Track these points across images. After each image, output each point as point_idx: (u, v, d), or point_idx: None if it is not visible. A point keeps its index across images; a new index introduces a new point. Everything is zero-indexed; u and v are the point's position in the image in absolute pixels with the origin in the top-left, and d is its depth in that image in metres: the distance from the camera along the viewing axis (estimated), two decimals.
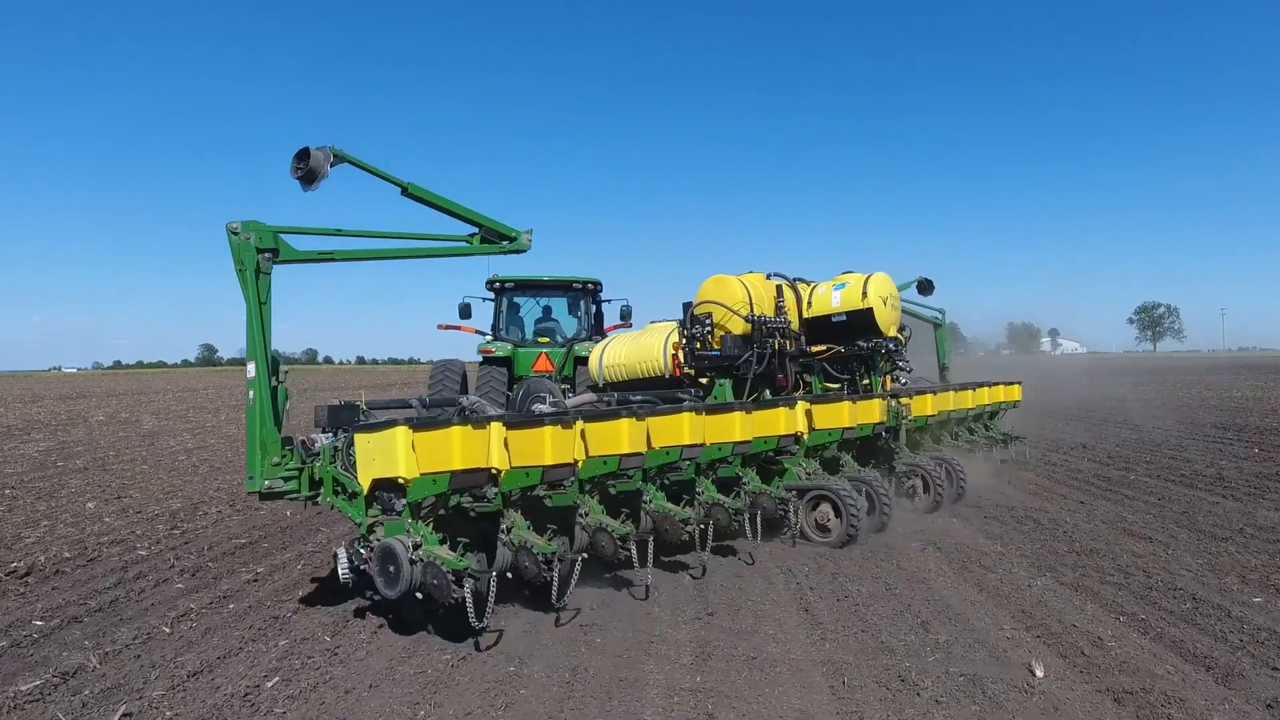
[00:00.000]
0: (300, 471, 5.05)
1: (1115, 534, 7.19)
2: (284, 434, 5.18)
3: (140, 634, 4.82)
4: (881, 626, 4.83)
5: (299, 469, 5.04)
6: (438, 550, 4.35)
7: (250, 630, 4.86)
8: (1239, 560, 6.24)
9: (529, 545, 4.72)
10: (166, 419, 22.51)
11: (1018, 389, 12.07)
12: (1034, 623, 4.88)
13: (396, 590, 4.37)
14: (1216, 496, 8.87)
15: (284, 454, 5.03)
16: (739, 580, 5.85)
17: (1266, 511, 8.02)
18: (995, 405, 11.49)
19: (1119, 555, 6.43)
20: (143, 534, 7.59)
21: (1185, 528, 7.40)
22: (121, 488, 10.40)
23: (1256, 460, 11.57)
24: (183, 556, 6.69)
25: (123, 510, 8.85)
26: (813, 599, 5.37)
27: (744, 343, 8.02)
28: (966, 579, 5.84)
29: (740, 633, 4.76)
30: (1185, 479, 10.05)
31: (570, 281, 12.88)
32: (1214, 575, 5.87)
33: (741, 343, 8.02)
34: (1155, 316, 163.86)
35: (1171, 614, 5.02)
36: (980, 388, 10.99)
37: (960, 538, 7.11)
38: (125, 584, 5.90)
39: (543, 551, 4.66)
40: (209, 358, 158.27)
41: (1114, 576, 5.86)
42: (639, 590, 5.59)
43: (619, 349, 10.04)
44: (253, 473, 4.95)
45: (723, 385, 8.12)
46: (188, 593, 5.68)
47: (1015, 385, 12.07)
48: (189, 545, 7.12)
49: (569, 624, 4.92)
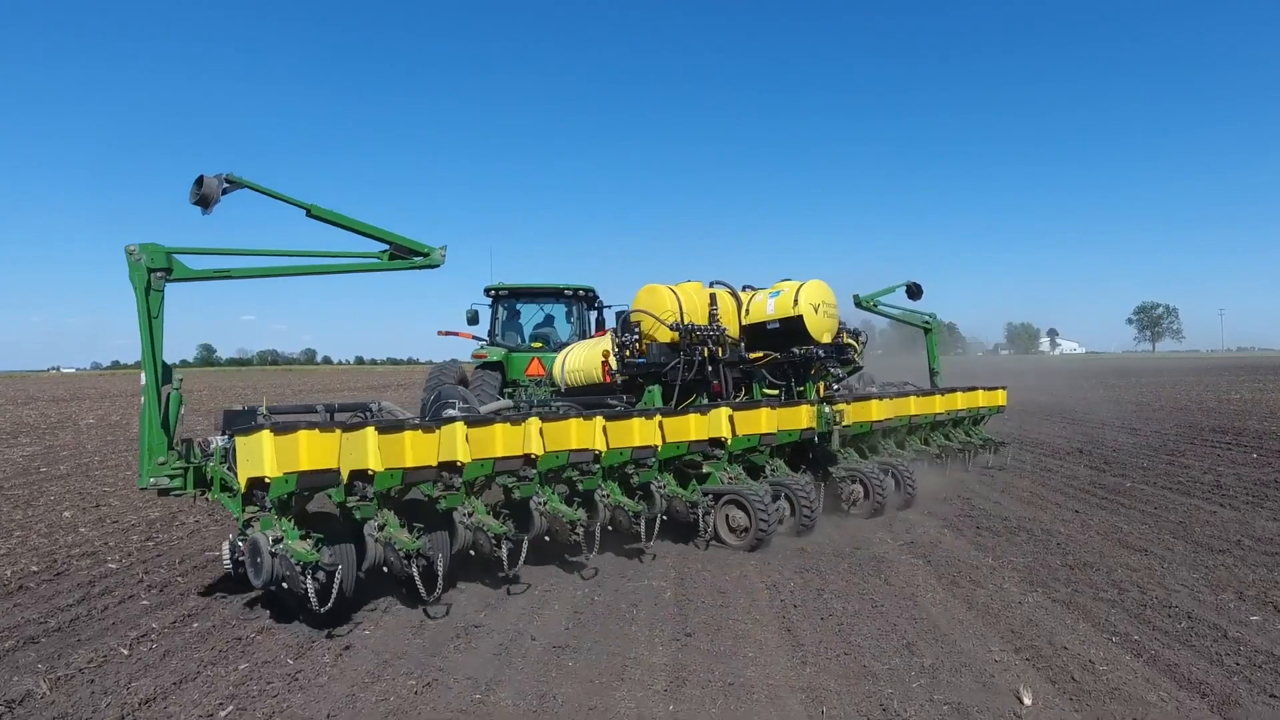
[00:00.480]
0: (185, 471, 5.45)
1: (1110, 546, 7.02)
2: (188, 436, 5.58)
3: (97, 656, 4.65)
4: (865, 648, 4.66)
5: (184, 468, 5.44)
6: (293, 544, 4.78)
7: (211, 652, 4.68)
8: (1236, 575, 6.08)
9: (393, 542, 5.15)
10: None
11: (1002, 394, 11.87)
12: (1023, 644, 4.71)
13: (260, 581, 4.91)
14: (1214, 505, 8.71)
15: (169, 455, 5.40)
16: (722, 597, 5.68)
17: (1264, 521, 7.86)
18: (973, 411, 11.30)
19: (1113, 569, 6.26)
20: (115, 546, 7.41)
21: (1182, 539, 7.24)
22: (101, 495, 10.23)
23: (1255, 466, 11.41)
24: (152, 571, 6.51)
25: (99, 520, 8.68)
26: (796, 617, 5.20)
27: (671, 350, 8.16)
28: (956, 595, 5.68)
29: (718, 655, 4.58)
30: (1182, 486, 9.89)
31: (563, 289, 13.28)
32: (1210, 591, 5.70)
33: (668, 350, 8.16)
34: (1154, 317, 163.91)
35: (1166, 634, 4.85)
36: (953, 392, 10.86)
37: (951, 550, 6.94)
38: (89, 600, 5.73)
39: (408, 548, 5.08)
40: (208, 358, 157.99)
41: (1107, 592, 5.69)
42: (621, 606, 5.43)
43: (577, 356, 10.17)
44: (142, 471, 5.39)
45: (651, 392, 8.26)
46: (152, 610, 5.50)
47: (999, 390, 11.84)
48: (161, 558, 6.94)
49: (540, 647, 4.74)
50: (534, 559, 6.68)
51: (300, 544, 4.82)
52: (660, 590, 5.84)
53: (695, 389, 8.50)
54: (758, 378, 8.96)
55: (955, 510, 8.65)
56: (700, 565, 6.52)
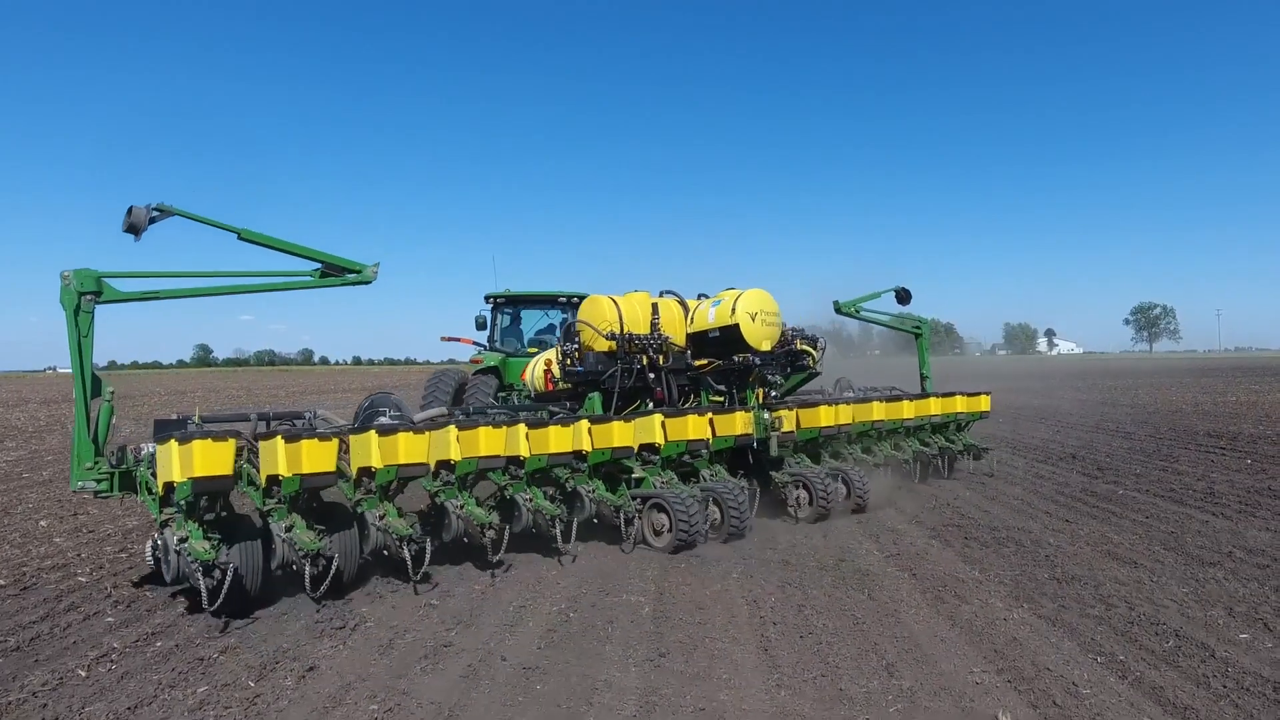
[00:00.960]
0: (112, 475, 5.95)
1: (1099, 557, 6.90)
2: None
3: (53, 678, 4.51)
4: (843, 669, 4.53)
5: (111, 473, 5.94)
6: (194, 544, 5.20)
7: (170, 674, 4.55)
8: (1226, 589, 5.96)
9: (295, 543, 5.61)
10: (145, 425, 22.15)
11: (985, 399, 11.65)
12: (1006, 664, 4.58)
13: (169, 577, 5.54)
14: (1206, 514, 8.59)
15: (97, 461, 5.87)
16: (701, 613, 5.55)
17: (1256, 532, 7.74)
18: (951, 416, 11.18)
19: (1101, 583, 6.14)
20: (88, 557, 7.28)
21: (1172, 550, 7.12)
22: (80, 503, 10.07)
23: (1249, 473, 11.29)
24: (121, 585, 6.37)
25: (75, 529, 8.54)
26: (774, 636, 5.08)
27: (609, 359, 8.46)
28: (940, 611, 5.55)
29: (692, 677, 4.45)
30: (1175, 494, 9.77)
31: (557, 296, 13.61)
32: (1200, 607, 5.58)
33: (606, 359, 8.48)
34: (1151, 317, 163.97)
35: (1152, 654, 4.73)
36: (926, 398, 10.76)
37: (938, 563, 6.82)
38: (54, 617, 5.59)
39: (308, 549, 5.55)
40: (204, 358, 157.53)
41: (1095, 608, 5.57)
42: (597, 623, 5.31)
43: (540, 363, 10.41)
44: (73, 475, 5.88)
45: (592, 399, 8.57)
46: (116, 628, 5.37)
47: (982, 395, 11.65)
48: (132, 570, 6.80)
49: (510, 668, 4.61)
50: (520, 572, 6.58)
51: (200, 544, 5.24)
52: (639, 606, 5.71)
53: (638, 396, 8.72)
54: (704, 384, 9.20)
55: (944, 519, 8.53)
56: (681, 578, 6.39)
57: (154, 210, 5.97)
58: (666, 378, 8.68)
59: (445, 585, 6.24)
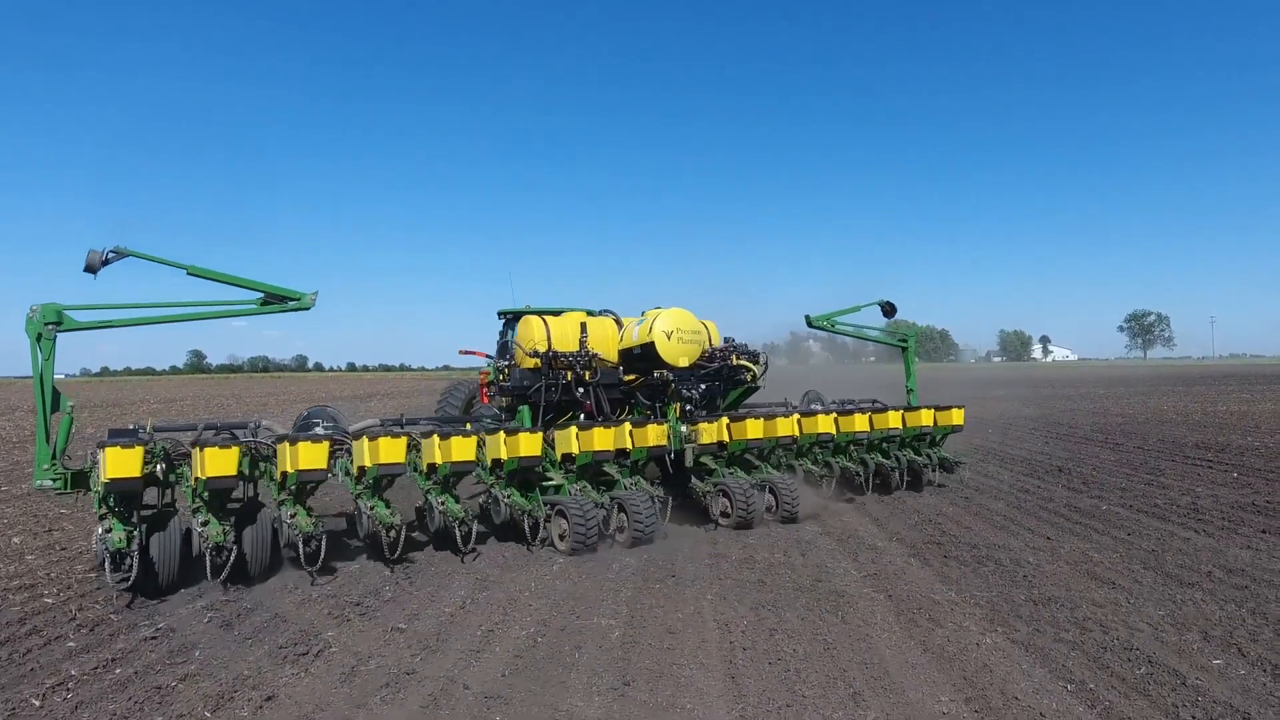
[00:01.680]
0: (65, 475, 7.12)
1: (1078, 577, 6.85)
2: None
3: (6, 708, 4.43)
4: (809, 698, 4.47)
5: (65, 473, 7.11)
6: (112, 535, 6.29)
7: (127, 704, 4.47)
8: (1203, 611, 5.91)
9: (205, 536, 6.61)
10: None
11: (958, 413, 11.54)
12: (975, 693, 4.53)
13: (98, 561, 6.64)
14: (1189, 531, 8.55)
15: (53, 464, 7.07)
16: (671, 637, 5.49)
17: (1238, 550, 7.70)
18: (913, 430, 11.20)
19: (1077, 605, 6.09)
20: (57, 577, 7.18)
21: (1152, 569, 7.07)
22: (56, 519, 9.99)
23: (1233, 487, 11.27)
24: (87, 607, 6.28)
25: (48, 547, 8.44)
26: (742, 662, 5.01)
27: (535, 375, 9.00)
28: (913, 636, 5.49)
29: (655, 708, 4.39)
30: (1158, 510, 9.73)
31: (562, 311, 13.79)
32: (1175, 630, 5.53)
33: (532, 375, 9.03)
34: (1146, 324, 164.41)
35: (1124, 682, 4.67)
36: (885, 412, 10.78)
37: (915, 583, 6.76)
38: (15, 642, 5.50)
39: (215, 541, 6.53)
40: (198, 364, 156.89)
41: (1069, 632, 5.51)
42: (565, 648, 5.24)
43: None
44: (35, 476, 7.12)
45: (521, 411, 8.99)
46: (77, 653, 5.28)
47: (955, 409, 11.56)
48: (100, 591, 6.70)
49: (472, 697, 4.54)
50: (494, 593, 6.50)
51: (116, 535, 6.31)
52: (608, 630, 5.64)
53: (568, 409, 9.19)
54: (635, 398, 9.73)
55: (925, 536, 8.48)
56: (654, 600, 6.33)
57: (110, 252, 7.14)
58: (596, 392, 9.10)
59: (415, 608, 6.16)
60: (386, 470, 7.21)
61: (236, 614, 6.07)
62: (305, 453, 6.80)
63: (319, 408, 9.14)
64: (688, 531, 8.73)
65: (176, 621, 5.93)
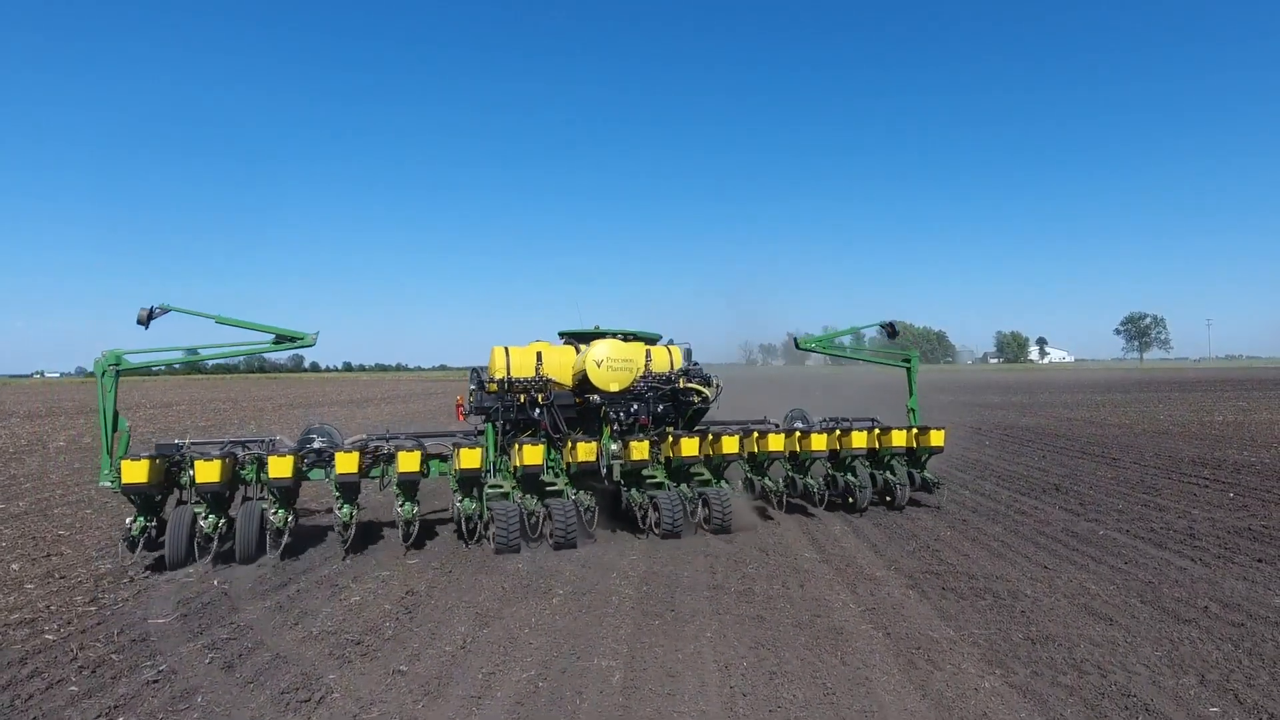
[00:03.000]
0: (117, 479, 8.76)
1: (1075, 612, 6.89)
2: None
3: None
4: None
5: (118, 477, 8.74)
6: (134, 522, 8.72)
7: None
8: (1200, 652, 5.95)
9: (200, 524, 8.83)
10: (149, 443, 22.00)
11: (938, 435, 11.52)
12: None
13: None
14: (1185, 560, 8.60)
15: (112, 468, 8.81)
16: (671, 681, 5.50)
17: (1234, 582, 7.75)
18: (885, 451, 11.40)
19: (1076, 644, 6.13)
20: (58, 609, 7.18)
21: (1149, 603, 7.11)
22: (55, 541, 9.97)
23: (1230, 509, 11.32)
24: (89, 645, 6.27)
25: (48, 574, 8.42)
26: (743, 710, 5.03)
27: (495, 398, 10.38)
28: (911, 679, 5.52)
29: None
30: (1156, 535, 9.77)
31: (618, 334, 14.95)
32: (1172, 673, 5.57)
33: (493, 398, 10.40)
34: (1142, 327, 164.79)
35: None
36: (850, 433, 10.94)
37: (914, 619, 6.79)
38: (14, 686, 5.49)
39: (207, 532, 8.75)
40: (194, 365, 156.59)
41: (1067, 675, 5.55)
42: (565, 694, 5.26)
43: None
44: (101, 476, 8.96)
45: (487, 429, 10.52)
46: (78, 699, 5.28)
47: (935, 430, 11.54)
48: (101, 626, 6.71)
49: None
50: (493, 631, 6.50)
51: (136, 522, 8.72)
52: (609, 673, 5.66)
53: (529, 426, 10.49)
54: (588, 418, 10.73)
55: (923, 565, 8.51)
56: (654, 638, 6.34)
57: (156, 308, 8.96)
58: (551, 412, 10.30)
59: (416, 647, 6.18)
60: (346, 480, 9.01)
61: (238, 653, 6.07)
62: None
63: (317, 425, 10.81)
64: (682, 559, 8.74)
65: (178, 662, 5.94)
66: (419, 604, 7.28)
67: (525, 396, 10.33)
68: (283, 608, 7.19)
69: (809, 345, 11.95)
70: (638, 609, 7.06)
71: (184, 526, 8.59)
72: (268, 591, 7.69)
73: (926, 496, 11.98)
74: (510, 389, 10.38)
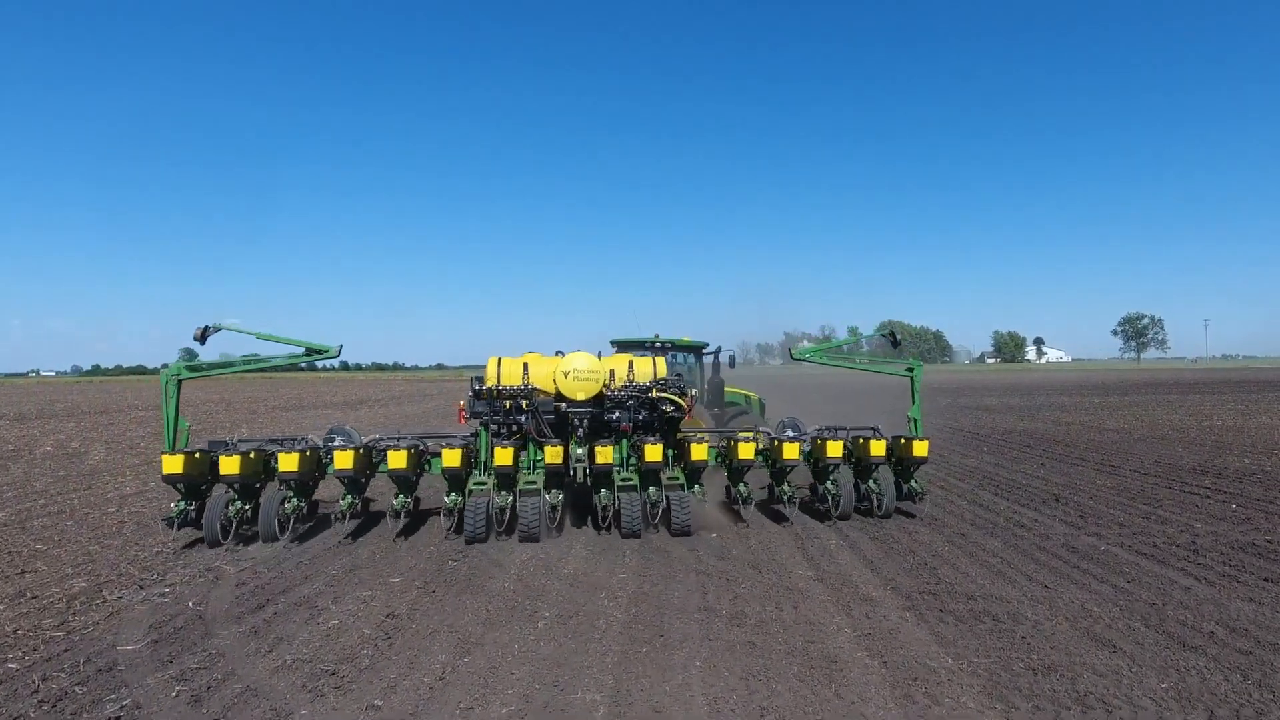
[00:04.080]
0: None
1: (1078, 638, 6.66)
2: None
3: None
4: None
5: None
6: (175, 507, 9.98)
7: None
8: (1208, 683, 5.72)
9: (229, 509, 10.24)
10: (117, 450, 21.72)
11: (922, 445, 11.43)
12: None
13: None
14: (1189, 578, 8.37)
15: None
16: (657, 717, 5.27)
17: (1240, 603, 7.52)
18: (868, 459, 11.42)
19: (1078, 674, 5.90)
20: (25, 634, 6.93)
21: (1153, 628, 6.88)
22: (30, 557, 9.71)
23: (1233, 522, 11.11)
24: (52, 676, 6.01)
25: (19, 593, 8.16)
26: None
27: (487, 404, 11.26)
28: (909, 716, 5.28)
29: None
30: (1158, 551, 9.55)
31: (666, 342, 15.89)
32: (1180, 707, 5.34)
33: (486, 404, 11.27)
34: (1140, 328, 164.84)
35: None
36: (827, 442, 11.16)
37: (911, 645, 6.55)
38: None
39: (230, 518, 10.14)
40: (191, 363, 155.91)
41: (1071, 710, 5.32)
42: None
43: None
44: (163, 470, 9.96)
45: (480, 432, 11.42)
46: None
47: (918, 441, 11.44)
48: (68, 654, 6.45)
49: None
50: (475, 660, 6.25)
51: (177, 505, 10.00)
52: (593, 708, 5.42)
53: (516, 430, 11.25)
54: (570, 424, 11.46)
55: (921, 584, 8.28)
56: (641, 668, 6.10)
57: (211, 328, 10.60)
58: (535, 418, 11.16)
59: (393, 678, 5.93)
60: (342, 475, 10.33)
61: (207, 685, 5.82)
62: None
63: (339, 426, 11.97)
64: (674, 576, 8.51)
65: (144, 695, 5.68)
66: (399, 628, 7.03)
67: (511, 403, 11.18)
68: (258, 632, 6.94)
69: (803, 356, 11.75)
70: (625, 634, 6.82)
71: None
72: (244, 614, 7.44)
73: (910, 505, 11.96)
74: (499, 396, 11.25)
